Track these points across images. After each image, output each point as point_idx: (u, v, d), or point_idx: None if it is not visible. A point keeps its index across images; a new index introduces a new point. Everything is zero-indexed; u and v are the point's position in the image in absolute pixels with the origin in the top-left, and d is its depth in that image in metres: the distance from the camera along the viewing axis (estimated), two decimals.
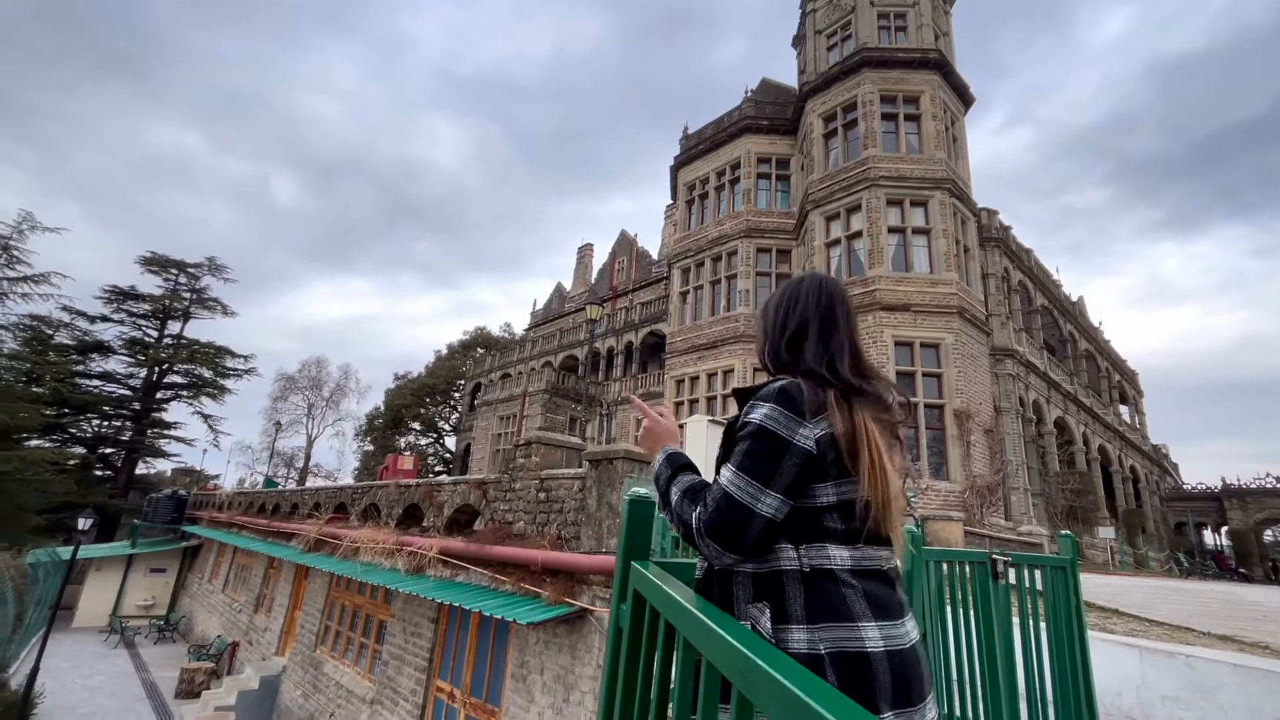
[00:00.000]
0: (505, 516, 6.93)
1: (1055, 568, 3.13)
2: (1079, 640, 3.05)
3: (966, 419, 16.91)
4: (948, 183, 18.84)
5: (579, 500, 6.01)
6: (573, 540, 5.93)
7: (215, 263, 35.51)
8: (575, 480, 6.16)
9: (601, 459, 5.83)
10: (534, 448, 6.86)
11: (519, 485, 6.88)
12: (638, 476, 5.73)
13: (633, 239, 39.42)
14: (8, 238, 22.61)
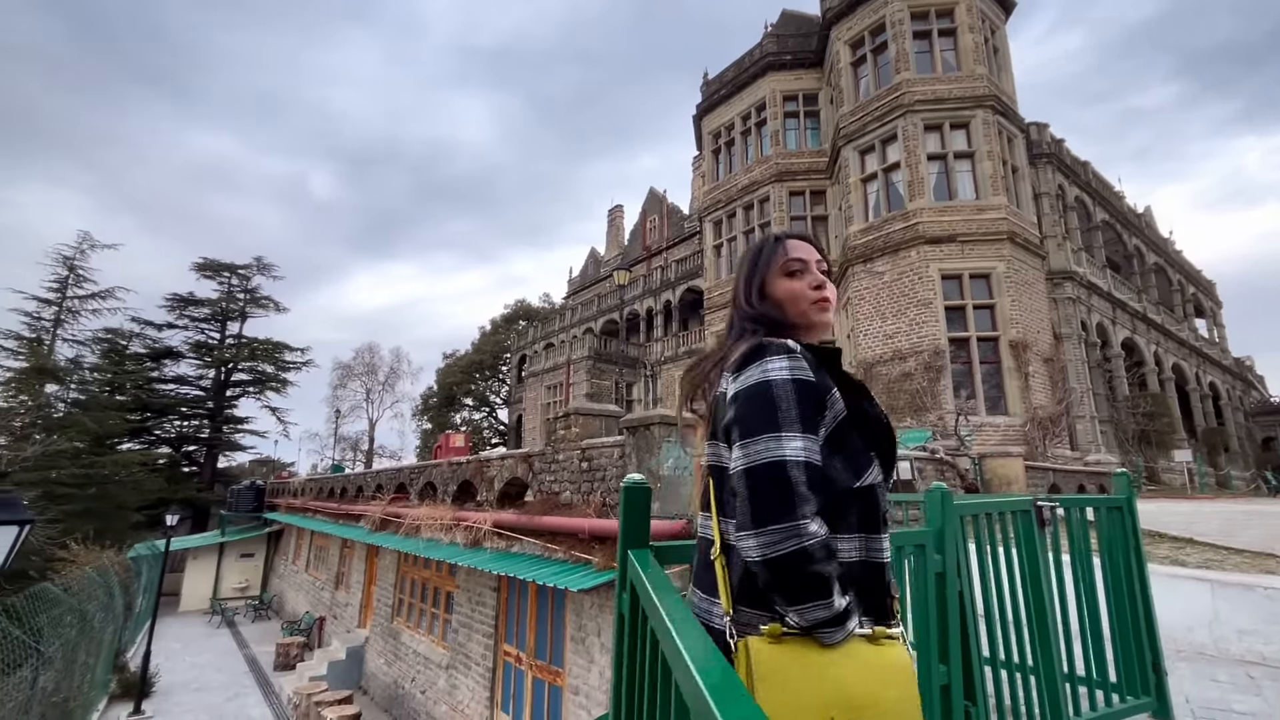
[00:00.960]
0: (552, 487, 7.08)
1: (1110, 508, 2.96)
2: (1139, 580, 2.90)
3: (1023, 349, 16.17)
4: (990, 100, 17.59)
5: (620, 468, 6.07)
6: (616, 507, 6.00)
7: (263, 262, 36.79)
8: (615, 448, 6.20)
9: (638, 425, 5.83)
10: (573, 419, 6.93)
11: (562, 456, 6.99)
12: (675, 441, 5.72)
13: (662, 195, 38.69)
14: (72, 258, 23.95)
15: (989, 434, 15.53)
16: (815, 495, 0.88)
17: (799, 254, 1.13)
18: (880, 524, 0.98)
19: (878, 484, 0.98)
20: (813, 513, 0.87)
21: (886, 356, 17.12)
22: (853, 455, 0.97)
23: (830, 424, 0.96)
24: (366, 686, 11.17)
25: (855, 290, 18.28)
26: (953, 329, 16.54)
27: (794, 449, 0.89)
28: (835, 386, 0.99)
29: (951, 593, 2.02)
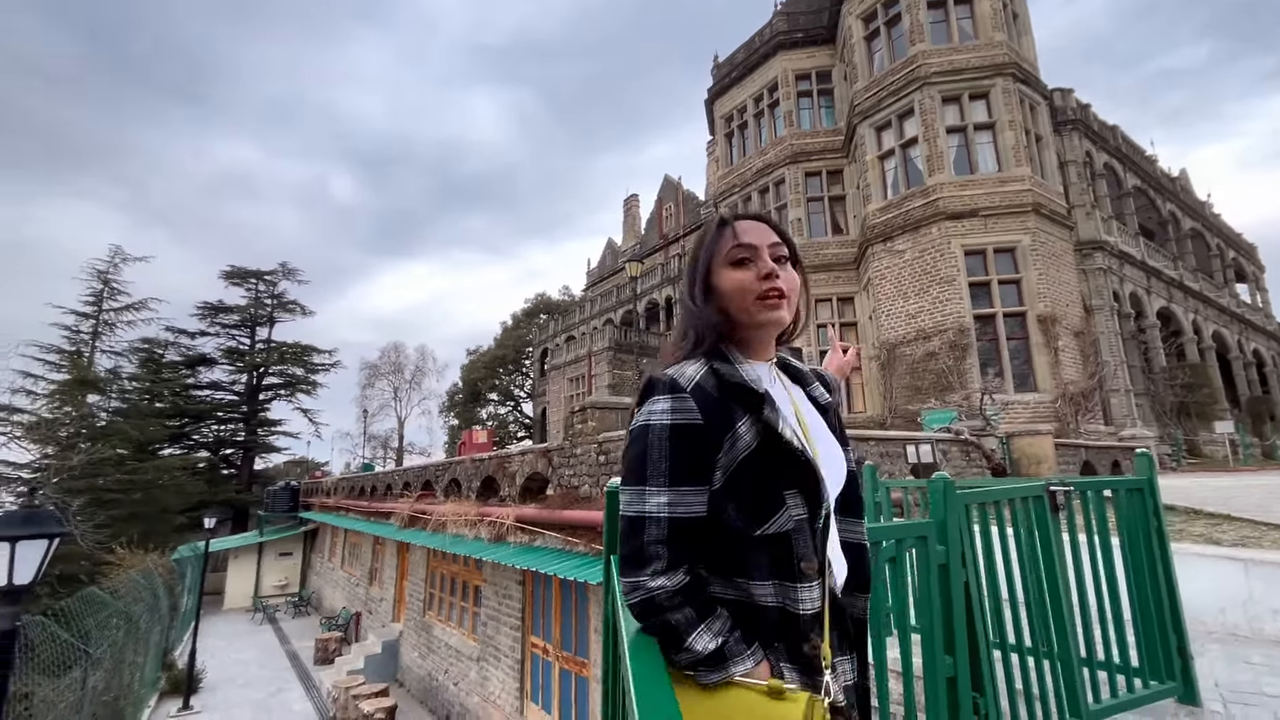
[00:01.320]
0: (571, 481, 7.13)
1: (1130, 490, 2.87)
2: (1161, 563, 2.82)
3: (1052, 324, 15.74)
4: (1010, 67, 17.04)
5: None
6: None
7: (287, 267, 37.55)
8: None
9: None
10: (590, 413, 6.96)
11: (580, 450, 7.04)
12: None
13: (677, 183, 38.42)
14: (106, 272, 24.72)
15: (1018, 412, 15.20)
16: (673, 549, 0.86)
17: (748, 238, 1.01)
18: (796, 574, 0.89)
19: (792, 529, 0.89)
20: (663, 568, 0.86)
21: (910, 337, 16.84)
22: (757, 499, 0.90)
23: (729, 466, 0.90)
24: (402, 679, 11.46)
25: (876, 270, 17.97)
26: (978, 306, 16.17)
27: (655, 504, 0.87)
28: (748, 413, 0.91)
29: (956, 584, 1.98)
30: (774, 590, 0.90)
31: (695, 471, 0.89)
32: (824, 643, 0.90)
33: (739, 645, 0.87)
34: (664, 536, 0.86)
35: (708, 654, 0.85)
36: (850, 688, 0.97)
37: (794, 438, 0.92)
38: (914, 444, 7.10)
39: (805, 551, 0.90)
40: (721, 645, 0.86)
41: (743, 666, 0.86)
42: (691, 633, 0.85)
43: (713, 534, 0.91)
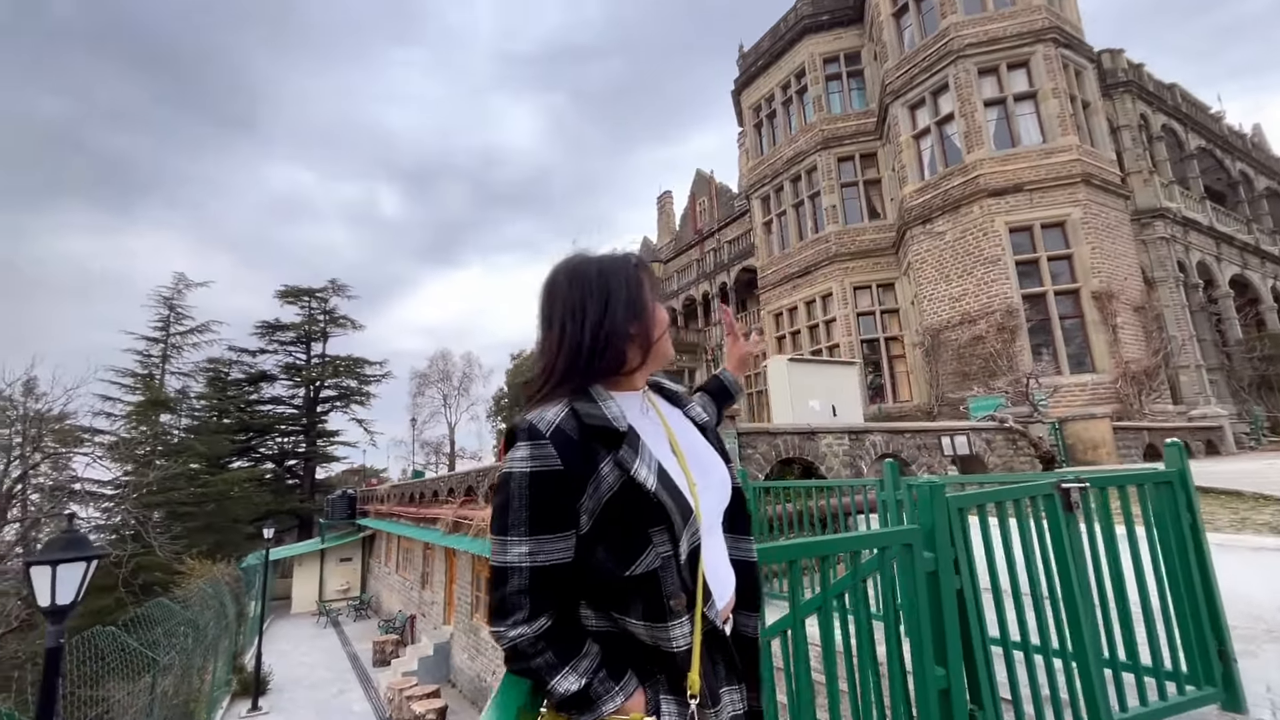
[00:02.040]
0: None
1: (1159, 484, 2.69)
2: (1197, 561, 2.63)
3: (1109, 300, 14.88)
4: (1051, 32, 16.18)
5: None
6: None
7: (337, 284, 39.07)
8: None
9: None
10: None
11: None
12: None
13: (709, 176, 38.08)
14: (171, 298, 26.28)
15: (1075, 395, 14.45)
16: (534, 597, 0.87)
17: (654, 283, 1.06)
18: (665, 614, 0.89)
19: (659, 567, 0.89)
20: (524, 617, 0.87)
21: (955, 321, 16.23)
22: (624, 540, 0.90)
23: (595, 509, 0.90)
24: (454, 680, 11.79)
25: (916, 254, 17.39)
26: (1026, 285, 15.44)
27: (516, 555, 0.87)
28: (611, 452, 0.91)
29: (947, 591, 1.89)
30: (646, 629, 0.90)
31: (557, 519, 0.89)
32: (693, 673, 0.90)
33: (605, 684, 0.87)
34: (525, 586, 0.87)
35: (571, 694, 0.86)
36: (740, 717, 0.97)
37: (649, 477, 0.91)
38: (949, 435, 6.84)
39: (673, 589, 0.89)
40: (586, 686, 0.86)
41: (612, 704, 0.87)
42: (555, 675, 0.86)
43: (589, 573, 0.91)
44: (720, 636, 0.96)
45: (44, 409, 23.16)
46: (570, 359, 0.97)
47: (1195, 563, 2.63)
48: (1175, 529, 2.65)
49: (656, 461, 0.95)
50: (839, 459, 6.50)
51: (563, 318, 0.99)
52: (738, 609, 1.07)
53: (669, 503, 0.91)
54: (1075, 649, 2.27)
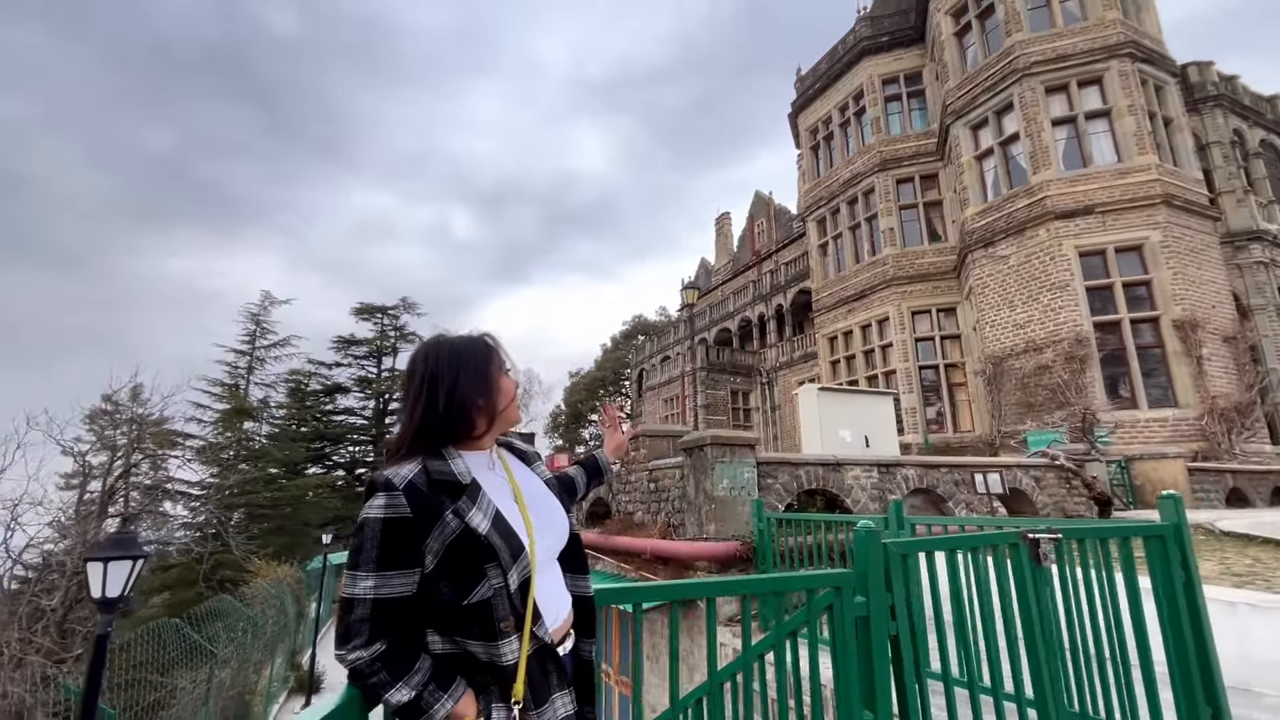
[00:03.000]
0: (627, 507, 7.30)
1: (1151, 537, 2.58)
2: (1190, 622, 2.49)
3: (1193, 329, 13.81)
4: (1126, 47, 15.39)
5: (680, 488, 6.14)
6: (680, 528, 6.09)
7: (408, 301, 41.10)
8: (676, 469, 6.29)
9: (693, 446, 5.89)
10: (641, 440, 7.11)
11: (633, 477, 7.19)
12: (730, 461, 5.70)
13: (768, 198, 37.94)
14: (257, 314, 28.45)
15: (1154, 431, 13.44)
16: (373, 625, 1.02)
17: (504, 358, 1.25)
18: (496, 634, 1.06)
19: (491, 597, 1.06)
20: (362, 643, 1.02)
21: (1019, 349, 15.46)
22: (463, 575, 1.06)
23: (439, 550, 1.06)
24: None
25: (977, 278, 16.72)
26: (1098, 312, 14.55)
27: (362, 588, 1.03)
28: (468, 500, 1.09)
29: (878, 635, 1.91)
30: (482, 648, 1.07)
31: (402, 558, 1.05)
32: (519, 683, 1.06)
33: (435, 694, 1.03)
34: (366, 615, 1.03)
35: (403, 704, 1.02)
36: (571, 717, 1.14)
37: (483, 523, 1.09)
38: (983, 471, 6.53)
39: (503, 614, 1.07)
40: (416, 697, 1.02)
41: (442, 710, 1.03)
42: (388, 690, 1.02)
43: (434, 604, 1.08)
44: (552, 651, 1.14)
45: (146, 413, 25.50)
46: (424, 426, 1.17)
47: (1188, 623, 2.49)
48: (1165, 586, 2.52)
49: (495, 509, 1.13)
50: (866, 493, 6.35)
51: (418, 390, 1.19)
52: (579, 636, 1.26)
53: (500, 543, 1.09)
54: (1036, 699, 2.21)
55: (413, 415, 1.18)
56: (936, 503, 6.88)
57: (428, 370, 1.19)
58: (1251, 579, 4.60)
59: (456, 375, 1.18)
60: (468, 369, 1.20)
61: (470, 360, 1.21)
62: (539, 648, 1.11)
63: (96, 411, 25.43)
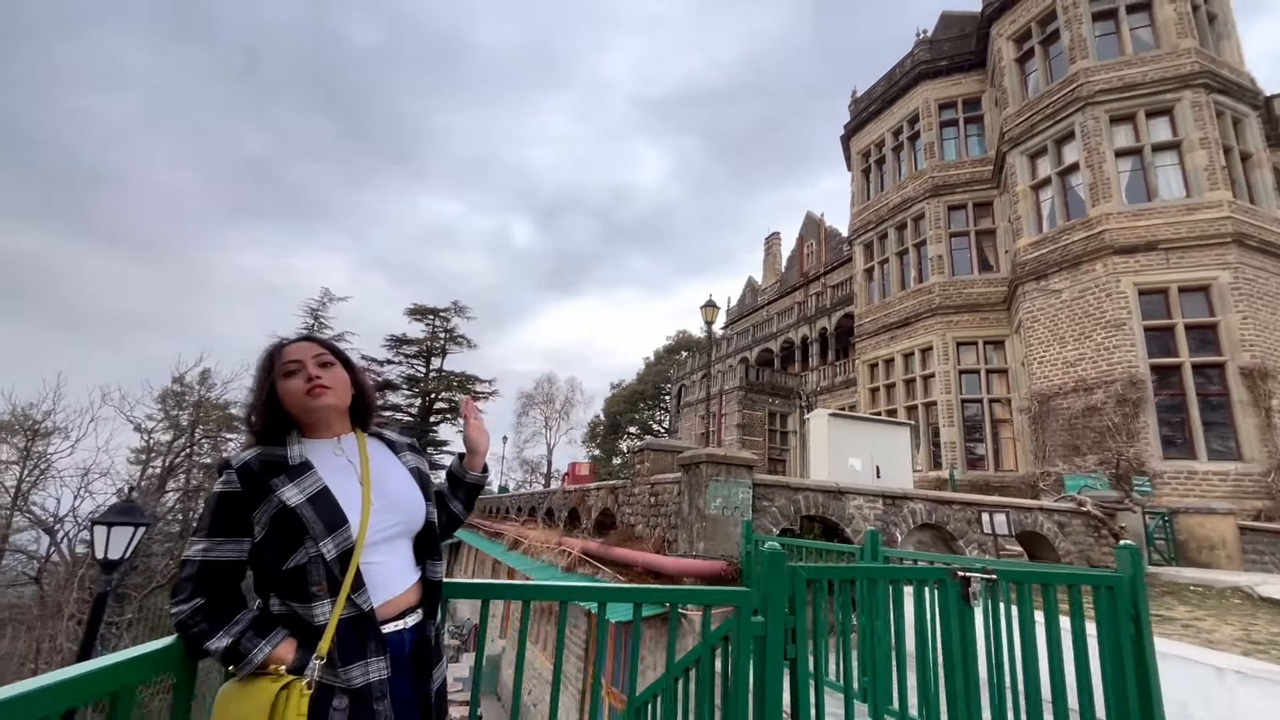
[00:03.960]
0: (629, 519, 7.36)
1: (1103, 587, 2.48)
2: (1135, 678, 2.38)
3: (1263, 379, 12.87)
4: (1201, 76, 14.63)
5: (677, 504, 6.18)
6: (673, 543, 6.11)
7: (458, 305, 42.44)
8: (674, 484, 6.33)
9: (690, 463, 5.92)
10: (646, 454, 7.18)
11: (637, 490, 7.26)
12: (725, 480, 5.70)
13: (819, 219, 37.51)
14: (316, 309, 29.94)
15: (1212, 485, 12.56)
16: (198, 583, 1.17)
17: (294, 356, 1.36)
18: (308, 596, 1.18)
19: (306, 563, 1.19)
20: (186, 597, 1.17)
21: (1068, 388, 14.74)
22: (282, 543, 1.20)
23: (266, 521, 1.20)
24: (500, 694, 12.19)
25: (1027, 311, 16.08)
26: (1156, 355, 13.75)
27: (194, 551, 1.19)
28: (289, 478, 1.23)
29: (773, 656, 1.93)
30: (300, 608, 1.20)
31: (231, 527, 1.21)
32: (326, 639, 1.17)
33: (253, 640, 1.16)
34: (193, 574, 1.19)
35: (222, 650, 1.15)
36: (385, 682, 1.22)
37: (295, 498, 1.22)
38: (989, 511, 6.25)
39: (316, 579, 1.19)
40: (234, 643, 1.15)
41: (260, 654, 1.15)
42: (208, 639, 1.16)
43: (263, 568, 1.22)
44: (370, 618, 1.23)
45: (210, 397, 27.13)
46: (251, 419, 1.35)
47: (1132, 677, 2.39)
48: (1111, 638, 2.42)
49: (321, 488, 1.25)
50: (869, 523, 6.20)
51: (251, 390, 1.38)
52: (425, 616, 1.37)
53: (311, 516, 1.22)
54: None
55: (249, 411, 1.37)
56: (947, 540, 6.64)
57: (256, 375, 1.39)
58: (1270, 648, 4.28)
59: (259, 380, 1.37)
60: (256, 376, 1.38)
61: (257, 369, 1.38)
62: (356, 615, 1.21)
63: (166, 392, 27.27)
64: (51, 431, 20.71)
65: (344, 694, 1.17)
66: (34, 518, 20.06)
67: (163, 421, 26.72)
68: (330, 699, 1.16)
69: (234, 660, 1.15)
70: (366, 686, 1.19)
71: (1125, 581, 2.49)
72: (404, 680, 1.29)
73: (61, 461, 20.66)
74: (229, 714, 1.11)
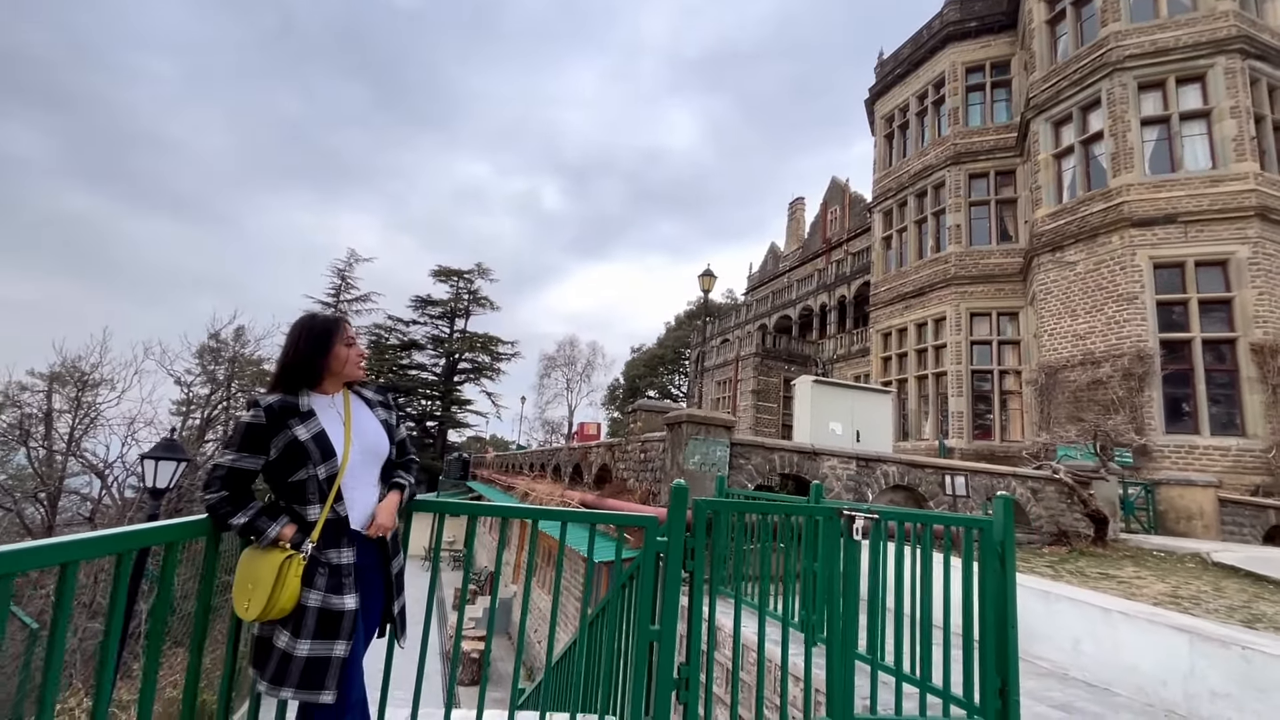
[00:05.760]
0: (622, 474, 7.92)
1: (974, 529, 2.92)
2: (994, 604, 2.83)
3: (1272, 355, 12.78)
4: (1239, 41, 14.08)
5: (662, 460, 6.69)
6: (658, 495, 6.65)
7: (482, 267, 43.06)
8: (660, 441, 6.83)
9: (673, 422, 6.41)
10: (639, 414, 7.68)
11: (630, 447, 7.79)
12: (704, 439, 6.18)
13: (844, 185, 36.87)
14: (343, 270, 30.80)
15: (1213, 459, 12.66)
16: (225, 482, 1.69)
17: (351, 333, 1.90)
18: (304, 500, 1.72)
19: (305, 480, 1.71)
20: (216, 489, 1.68)
21: (1076, 360, 14.79)
22: (289, 465, 1.72)
23: (280, 447, 1.71)
24: (511, 633, 13.14)
25: (1041, 284, 16.00)
26: (1168, 329, 13.70)
27: (226, 460, 1.71)
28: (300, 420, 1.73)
29: (673, 568, 2.43)
30: (299, 509, 1.73)
31: (254, 447, 1.73)
32: (315, 531, 1.71)
33: (265, 521, 1.70)
34: (223, 475, 1.71)
35: (240, 526, 1.68)
36: (353, 565, 1.75)
37: (304, 434, 1.74)
38: (950, 475, 6.63)
39: (311, 491, 1.74)
40: (250, 521, 1.68)
41: (273, 530, 1.68)
42: (231, 517, 1.69)
43: (275, 480, 1.75)
44: (344, 524, 1.76)
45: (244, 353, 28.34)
46: (285, 369, 1.85)
47: (993, 607, 2.84)
48: (985, 572, 2.87)
49: (320, 429, 1.78)
50: (842, 483, 6.64)
51: (284, 349, 1.87)
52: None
53: (313, 448, 1.74)
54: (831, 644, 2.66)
55: (279, 367, 1.86)
56: (918, 500, 7.06)
57: (290, 337, 1.88)
58: (1187, 601, 4.67)
59: (300, 342, 1.85)
60: (309, 338, 1.85)
61: (312, 332, 1.86)
62: (335, 518, 1.75)
63: (204, 348, 28.57)
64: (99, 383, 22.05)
65: (325, 566, 1.70)
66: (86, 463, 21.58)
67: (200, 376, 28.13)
68: (316, 568, 1.69)
69: (250, 533, 1.68)
70: (340, 564, 1.73)
71: (995, 525, 2.92)
72: (371, 558, 1.83)
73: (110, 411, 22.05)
74: (248, 571, 1.65)
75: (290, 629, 1.63)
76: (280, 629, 1.63)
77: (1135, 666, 3.43)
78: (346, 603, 1.70)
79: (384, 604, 1.89)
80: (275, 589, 1.58)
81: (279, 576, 1.59)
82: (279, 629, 1.64)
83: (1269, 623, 4.03)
